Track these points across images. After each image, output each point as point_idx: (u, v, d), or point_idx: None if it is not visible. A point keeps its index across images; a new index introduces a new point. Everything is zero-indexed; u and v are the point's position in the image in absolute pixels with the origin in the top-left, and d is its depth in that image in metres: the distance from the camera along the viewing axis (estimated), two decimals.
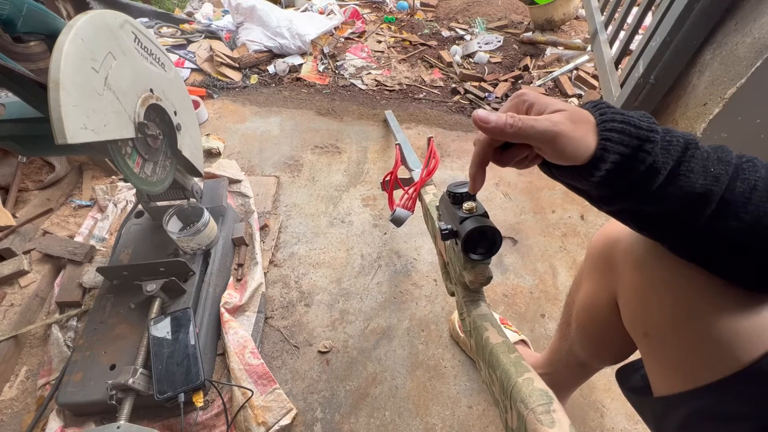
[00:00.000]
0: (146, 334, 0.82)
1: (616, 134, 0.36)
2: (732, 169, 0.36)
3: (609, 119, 0.37)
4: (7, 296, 1.00)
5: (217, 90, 1.75)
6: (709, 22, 1.01)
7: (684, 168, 0.35)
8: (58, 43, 0.57)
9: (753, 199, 0.35)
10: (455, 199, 0.56)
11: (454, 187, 0.57)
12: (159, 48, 0.83)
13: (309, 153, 1.49)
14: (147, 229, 1.04)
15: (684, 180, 0.35)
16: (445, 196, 0.59)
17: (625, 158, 0.36)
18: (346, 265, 1.15)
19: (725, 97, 0.94)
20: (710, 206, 0.35)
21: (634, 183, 0.36)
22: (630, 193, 0.37)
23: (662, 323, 0.46)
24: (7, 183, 1.20)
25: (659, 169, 0.35)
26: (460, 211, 0.55)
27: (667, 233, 0.40)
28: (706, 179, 0.35)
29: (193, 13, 2.25)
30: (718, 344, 0.40)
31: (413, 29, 2.29)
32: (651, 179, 0.36)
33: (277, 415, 0.83)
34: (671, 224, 0.38)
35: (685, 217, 0.36)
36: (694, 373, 0.42)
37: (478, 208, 0.55)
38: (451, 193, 0.57)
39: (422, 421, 0.87)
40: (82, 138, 0.58)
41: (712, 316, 0.41)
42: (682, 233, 0.38)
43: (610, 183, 0.37)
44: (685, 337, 0.43)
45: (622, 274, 0.51)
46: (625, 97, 1.22)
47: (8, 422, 0.86)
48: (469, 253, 0.55)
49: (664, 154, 0.35)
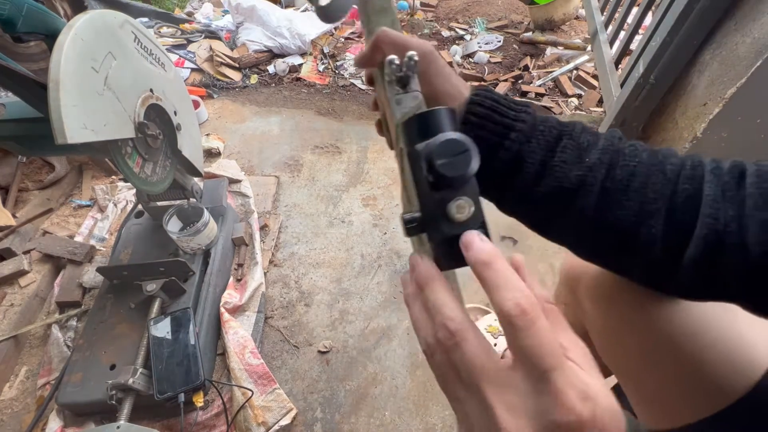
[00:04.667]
0: (146, 334, 0.82)
1: (476, 118, 0.34)
2: (609, 156, 0.33)
3: (478, 102, 0.35)
4: (7, 296, 1.00)
5: (217, 90, 1.75)
6: (709, 22, 1.01)
7: (557, 159, 0.34)
8: (58, 43, 0.57)
9: (632, 185, 0.32)
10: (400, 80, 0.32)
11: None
12: (159, 48, 0.83)
13: (309, 153, 1.49)
14: (147, 229, 1.04)
15: (558, 171, 0.33)
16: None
17: (488, 145, 0.34)
18: (346, 265, 1.15)
19: (725, 97, 0.94)
20: (589, 197, 0.33)
21: (505, 174, 0.35)
22: (506, 188, 0.35)
23: (633, 365, 0.44)
24: (7, 183, 1.20)
25: (525, 159, 0.34)
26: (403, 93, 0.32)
27: (566, 233, 0.37)
28: (580, 169, 0.33)
29: (193, 13, 2.25)
30: (699, 383, 0.39)
31: (413, 29, 2.29)
32: (521, 170, 0.34)
33: (277, 415, 0.83)
34: (563, 221, 0.35)
35: (573, 210, 0.34)
36: (675, 412, 0.41)
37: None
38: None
39: (422, 421, 0.87)
40: (82, 138, 0.58)
41: (686, 356, 0.39)
42: (579, 231, 0.35)
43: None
44: (659, 378, 0.42)
45: (587, 312, 0.50)
46: (625, 97, 1.22)
47: (8, 422, 0.86)
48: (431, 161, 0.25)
49: (532, 144, 0.34)
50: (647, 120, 1.27)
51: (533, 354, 0.19)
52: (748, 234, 0.28)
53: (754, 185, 0.29)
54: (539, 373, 0.18)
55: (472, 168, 0.23)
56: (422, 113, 0.27)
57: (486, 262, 0.22)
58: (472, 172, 0.23)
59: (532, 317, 0.19)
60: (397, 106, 0.32)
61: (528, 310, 0.19)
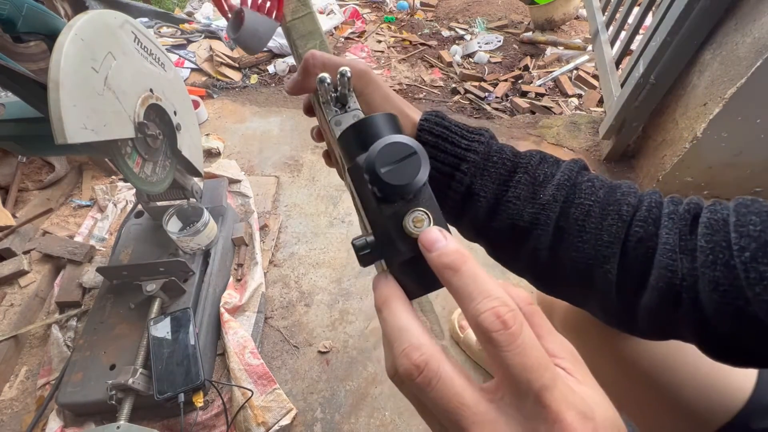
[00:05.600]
0: (146, 334, 0.82)
1: (427, 147, 0.31)
2: (565, 193, 0.31)
3: (427, 129, 0.32)
4: (7, 296, 1.00)
5: (216, 90, 1.75)
6: (709, 22, 1.01)
7: (511, 194, 0.31)
8: (58, 43, 0.57)
9: (587, 226, 0.30)
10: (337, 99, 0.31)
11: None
12: (159, 48, 0.83)
13: (309, 153, 1.49)
14: (147, 229, 1.04)
15: (512, 208, 0.31)
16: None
17: (440, 174, 0.32)
18: (346, 265, 1.15)
19: (725, 97, 0.94)
20: (543, 237, 0.31)
21: (457, 207, 0.33)
22: (461, 218, 0.33)
23: (610, 396, 0.44)
24: (7, 183, 1.20)
25: (477, 194, 0.32)
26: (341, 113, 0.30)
27: (522, 269, 0.35)
28: (533, 207, 0.31)
29: (192, 13, 2.25)
30: (677, 415, 0.38)
31: (413, 29, 2.29)
32: (473, 205, 0.32)
33: (276, 415, 0.83)
34: (518, 258, 0.33)
35: (527, 248, 0.32)
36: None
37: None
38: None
39: (422, 421, 0.87)
40: (81, 138, 0.58)
41: (662, 388, 0.39)
42: (534, 269, 0.33)
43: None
44: (636, 410, 0.41)
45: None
46: (625, 97, 1.22)
47: (8, 422, 0.86)
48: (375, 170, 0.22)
49: (484, 177, 0.32)
50: (647, 120, 1.27)
51: (521, 373, 0.16)
52: (701, 291, 0.27)
53: (704, 237, 0.28)
54: (531, 395, 0.16)
55: (422, 173, 0.20)
56: (357, 121, 0.23)
57: (451, 265, 0.18)
58: (424, 177, 0.20)
59: (515, 330, 0.16)
60: (337, 127, 0.28)
61: (509, 322, 0.16)
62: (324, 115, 0.30)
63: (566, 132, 1.52)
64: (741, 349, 0.27)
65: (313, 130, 0.38)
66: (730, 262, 0.26)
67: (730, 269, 0.26)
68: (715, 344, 0.28)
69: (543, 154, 0.33)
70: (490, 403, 0.17)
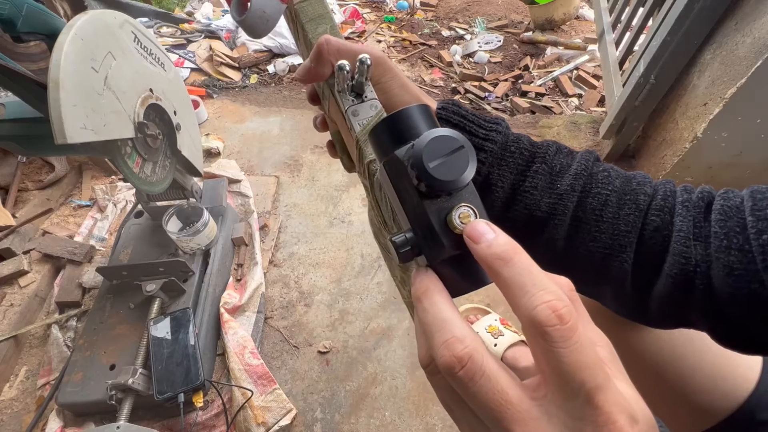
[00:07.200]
0: (146, 334, 0.82)
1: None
2: (582, 183, 0.31)
3: (444, 117, 0.32)
4: (7, 296, 1.00)
5: (216, 90, 1.75)
6: (709, 22, 1.01)
7: (528, 184, 0.31)
8: (58, 43, 0.57)
9: (604, 215, 0.30)
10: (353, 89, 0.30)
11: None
12: (159, 48, 0.83)
13: (309, 153, 1.49)
14: (147, 229, 1.04)
15: (529, 198, 0.31)
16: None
17: None
18: (346, 265, 1.15)
19: (725, 97, 0.94)
20: (560, 227, 0.31)
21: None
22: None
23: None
24: (7, 183, 1.20)
25: (495, 184, 0.32)
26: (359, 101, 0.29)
27: (536, 259, 0.34)
28: (551, 197, 0.31)
29: (192, 13, 2.25)
30: (683, 404, 0.39)
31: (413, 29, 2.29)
32: (490, 194, 0.32)
33: (276, 415, 0.83)
34: (534, 248, 0.32)
35: (543, 238, 0.32)
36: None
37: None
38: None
39: (422, 421, 0.87)
40: (81, 138, 0.58)
41: (669, 378, 0.39)
42: (549, 259, 0.33)
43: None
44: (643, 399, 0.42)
45: None
46: (626, 96, 1.22)
47: (8, 422, 0.86)
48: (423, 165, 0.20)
49: (502, 167, 0.32)
50: (647, 120, 1.27)
51: (574, 372, 0.15)
52: (715, 277, 0.27)
53: (718, 223, 0.28)
54: (582, 395, 0.15)
55: (471, 168, 0.19)
56: (392, 115, 0.22)
57: (503, 256, 0.17)
58: (472, 172, 0.19)
59: (571, 325, 0.15)
60: (354, 117, 0.28)
61: (565, 317, 0.15)
62: (340, 104, 0.29)
63: (566, 132, 1.52)
64: (752, 336, 0.28)
65: (317, 119, 0.37)
66: (744, 246, 0.26)
67: (744, 253, 0.26)
68: (726, 331, 0.29)
69: (558, 144, 0.33)
70: (532, 401, 0.16)
